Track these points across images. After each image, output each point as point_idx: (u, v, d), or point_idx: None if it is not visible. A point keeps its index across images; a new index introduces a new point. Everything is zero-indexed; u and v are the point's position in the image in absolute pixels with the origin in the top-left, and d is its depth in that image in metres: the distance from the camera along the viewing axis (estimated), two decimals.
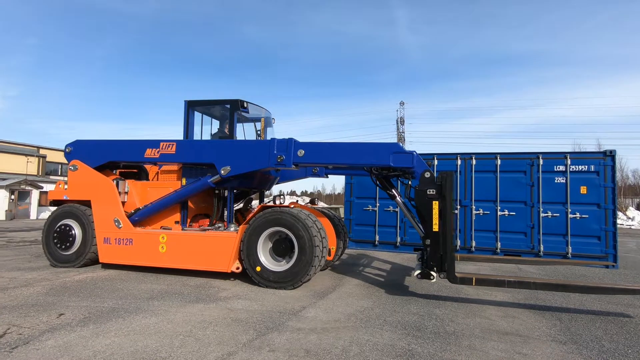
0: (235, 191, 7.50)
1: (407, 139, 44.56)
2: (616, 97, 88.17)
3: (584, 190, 9.49)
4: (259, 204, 7.50)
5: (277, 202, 6.56)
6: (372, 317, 4.56)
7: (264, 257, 6.09)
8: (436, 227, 5.33)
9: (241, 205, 8.57)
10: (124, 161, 7.52)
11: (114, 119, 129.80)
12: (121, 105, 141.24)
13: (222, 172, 6.60)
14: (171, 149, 6.98)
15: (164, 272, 6.90)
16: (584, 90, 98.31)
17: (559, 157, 9.79)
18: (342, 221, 8.13)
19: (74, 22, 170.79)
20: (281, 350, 3.47)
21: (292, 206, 6.29)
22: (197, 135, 7.69)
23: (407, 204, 6.36)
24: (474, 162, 10.36)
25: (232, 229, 6.68)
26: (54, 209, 7.65)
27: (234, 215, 7.63)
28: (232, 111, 7.42)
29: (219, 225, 7.08)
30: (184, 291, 5.63)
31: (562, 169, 9.70)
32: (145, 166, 8.19)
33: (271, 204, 6.51)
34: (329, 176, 8.77)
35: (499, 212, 10.01)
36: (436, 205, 5.36)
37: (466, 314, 4.82)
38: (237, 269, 6.27)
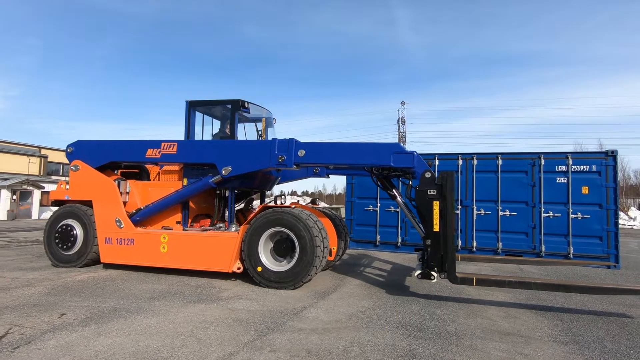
0: (236, 191, 7.50)
1: (408, 139, 44.59)
2: (618, 97, 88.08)
3: (585, 190, 9.47)
4: (260, 204, 7.51)
5: (278, 202, 6.56)
6: (373, 318, 4.56)
7: (265, 257, 6.10)
8: (437, 227, 5.33)
9: (242, 205, 8.57)
10: (126, 161, 7.54)
11: (115, 119, 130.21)
12: (121, 105, 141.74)
13: (223, 172, 6.61)
14: (172, 149, 6.99)
15: (165, 272, 6.91)
16: (584, 90, 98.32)
17: (561, 157, 9.77)
18: (343, 221, 8.13)
19: (74, 22, 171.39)
20: (282, 350, 3.47)
21: (293, 206, 6.29)
22: (198, 135, 7.69)
23: (407, 204, 6.36)
24: (475, 162, 10.34)
25: (233, 229, 6.69)
26: (55, 209, 7.66)
27: (235, 215, 7.63)
28: (233, 111, 7.42)
29: (220, 225, 7.08)
30: (185, 291, 5.64)
31: (563, 169, 9.69)
32: (146, 166, 8.20)
33: (272, 204, 6.51)
34: (330, 176, 8.78)
35: (500, 212, 10.00)
36: (437, 205, 5.36)
37: (467, 315, 4.81)
38: (238, 269, 6.27)
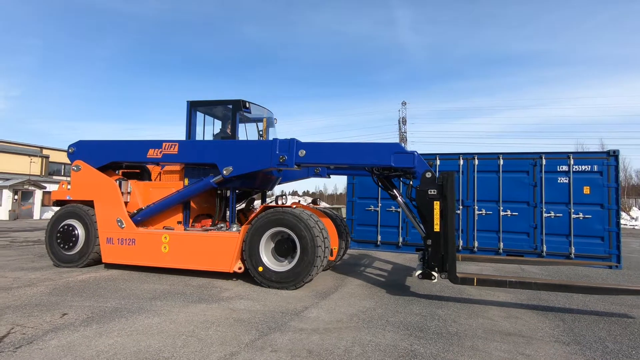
0: (237, 191, 7.51)
1: (409, 139, 44.61)
2: (619, 97, 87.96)
3: (587, 190, 9.45)
4: (261, 204, 7.51)
5: (279, 202, 6.56)
6: (374, 318, 4.55)
7: (266, 257, 6.10)
8: (437, 228, 5.33)
9: (243, 205, 8.57)
10: (127, 161, 7.55)
11: (115, 119, 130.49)
12: (122, 105, 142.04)
13: (225, 172, 6.62)
14: (173, 149, 7.00)
15: (166, 272, 6.92)
16: (585, 90, 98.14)
17: (562, 157, 9.76)
18: (344, 221, 8.13)
19: (74, 22, 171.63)
20: (284, 350, 3.47)
21: (294, 206, 6.29)
22: (199, 135, 7.71)
23: (408, 204, 6.36)
24: (477, 162, 10.33)
25: (234, 229, 6.69)
26: (57, 209, 7.68)
27: (236, 215, 7.64)
28: (234, 111, 7.43)
29: (222, 225, 7.08)
30: (186, 291, 5.64)
31: (565, 169, 9.67)
32: (147, 166, 8.22)
33: (273, 204, 6.51)
34: (331, 176, 8.77)
35: (502, 213, 9.98)
36: (437, 205, 5.36)
37: (469, 315, 4.81)
38: (240, 269, 6.27)
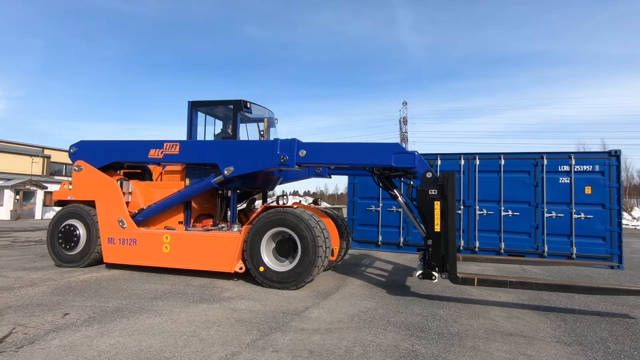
0: (238, 191, 7.51)
1: (410, 139, 44.58)
2: (620, 97, 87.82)
3: (588, 190, 9.44)
4: (262, 204, 7.52)
5: (280, 202, 6.56)
6: (375, 318, 4.55)
7: (267, 257, 6.10)
8: (438, 228, 5.32)
9: (244, 205, 8.58)
10: (128, 162, 7.56)
11: (115, 119, 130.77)
12: (122, 105, 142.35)
13: (226, 172, 6.62)
14: (175, 150, 7.01)
15: (167, 272, 6.92)
16: (586, 89, 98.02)
17: (563, 157, 9.74)
18: (345, 221, 8.12)
19: (75, 23, 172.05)
20: (285, 350, 3.48)
21: (295, 206, 6.29)
22: (200, 135, 7.72)
23: (409, 204, 6.36)
24: (478, 162, 10.32)
25: (235, 230, 6.70)
26: (58, 209, 7.70)
27: (237, 215, 7.64)
28: (235, 111, 7.44)
29: (223, 225, 7.09)
30: (187, 291, 5.65)
31: (566, 169, 9.66)
32: (149, 166, 8.23)
33: (274, 204, 6.51)
34: (331, 176, 8.78)
35: (503, 213, 9.97)
36: (438, 205, 5.35)
37: (470, 315, 4.80)
38: (241, 269, 6.28)
